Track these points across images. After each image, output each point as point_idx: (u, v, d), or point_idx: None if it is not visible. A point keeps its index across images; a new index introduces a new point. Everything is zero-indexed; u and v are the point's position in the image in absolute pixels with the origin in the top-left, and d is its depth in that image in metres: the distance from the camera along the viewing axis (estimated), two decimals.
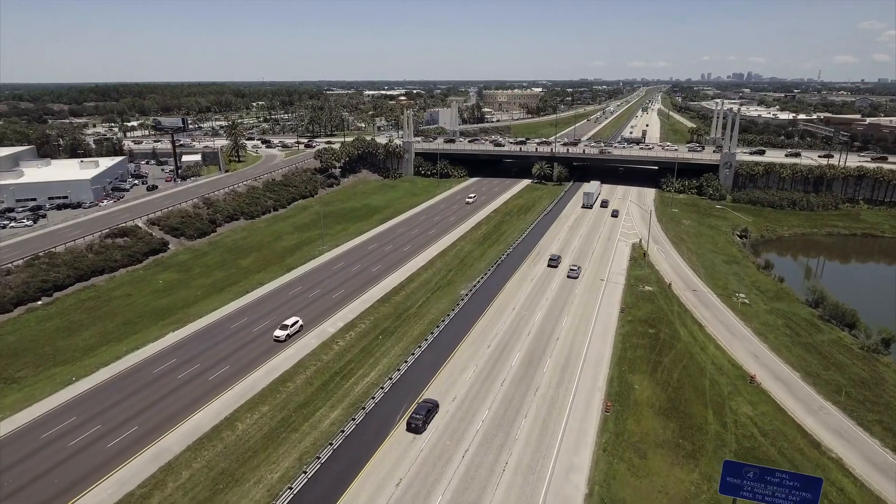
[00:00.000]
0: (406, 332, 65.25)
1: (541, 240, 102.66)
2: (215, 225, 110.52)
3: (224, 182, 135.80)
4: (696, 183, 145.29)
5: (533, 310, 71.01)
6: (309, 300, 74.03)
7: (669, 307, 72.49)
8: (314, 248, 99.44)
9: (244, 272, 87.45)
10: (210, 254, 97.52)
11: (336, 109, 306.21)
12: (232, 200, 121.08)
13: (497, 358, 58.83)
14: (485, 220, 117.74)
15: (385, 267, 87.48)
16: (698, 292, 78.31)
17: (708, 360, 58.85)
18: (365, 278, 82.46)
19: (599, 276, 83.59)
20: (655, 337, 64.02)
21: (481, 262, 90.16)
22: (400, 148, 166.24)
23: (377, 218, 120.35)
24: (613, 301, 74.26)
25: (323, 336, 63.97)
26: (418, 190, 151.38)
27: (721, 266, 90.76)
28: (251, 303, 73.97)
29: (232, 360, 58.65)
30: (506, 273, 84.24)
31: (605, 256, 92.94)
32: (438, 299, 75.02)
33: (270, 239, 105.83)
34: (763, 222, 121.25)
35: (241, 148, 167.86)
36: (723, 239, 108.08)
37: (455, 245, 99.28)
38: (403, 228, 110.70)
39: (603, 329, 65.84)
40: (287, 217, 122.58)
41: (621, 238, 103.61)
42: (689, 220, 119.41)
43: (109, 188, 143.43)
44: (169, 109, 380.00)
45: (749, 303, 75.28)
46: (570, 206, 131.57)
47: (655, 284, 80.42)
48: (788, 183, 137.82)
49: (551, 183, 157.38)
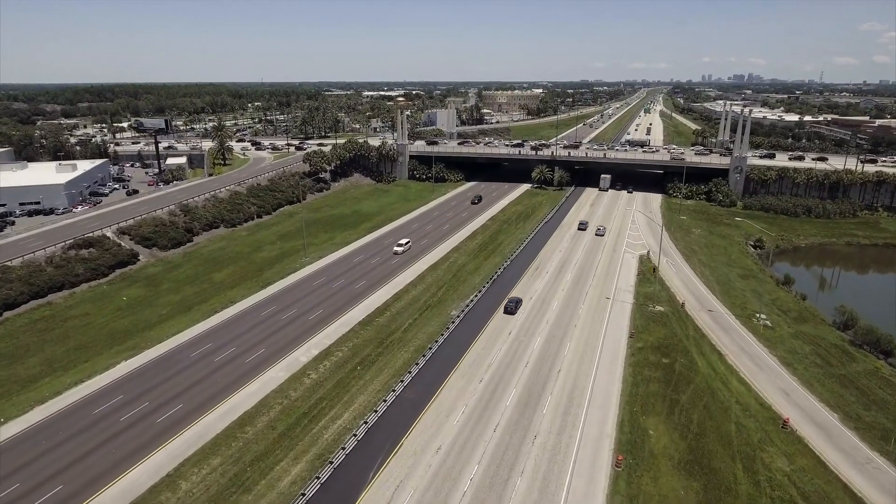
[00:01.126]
0: (388, 362, 57.79)
1: (541, 251, 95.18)
2: (192, 234, 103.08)
3: (207, 187, 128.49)
4: (704, 188, 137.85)
5: (532, 334, 63.54)
6: (281, 323, 66.56)
7: (684, 331, 65.02)
8: (296, 259, 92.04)
9: (217, 288, 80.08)
10: (183, 266, 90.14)
11: (331, 110, 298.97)
12: (212, 207, 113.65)
13: (490, 396, 51.35)
14: (481, 228, 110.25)
15: (370, 283, 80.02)
16: (714, 313, 70.84)
17: (732, 399, 51.38)
18: (347, 296, 75.01)
19: (605, 293, 76.13)
20: (670, 368, 56.57)
21: (476, 276, 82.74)
22: (394, 151, 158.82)
23: (366, 226, 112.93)
24: (621, 324, 66.79)
25: (293, 367, 56.51)
26: (412, 195, 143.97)
27: (737, 281, 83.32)
28: (218, 325, 66.51)
29: (186, 397, 51.22)
30: (503, 290, 76.77)
31: (610, 270, 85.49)
32: (427, 321, 67.57)
33: (250, 249, 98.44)
34: (777, 231, 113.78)
35: (227, 150, 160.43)
36: (736, 250, 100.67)
37: (448, 257, 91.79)
38: (393, 238, 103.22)
39: (610, 358, 58.38)
40: (271, 225, 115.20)
41: (627, 249, 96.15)
42: (699, 229, 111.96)
43: (87, 193, 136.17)
44: (163, 110, 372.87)
45: (771, 325, 67.84)
46: (572, 212, 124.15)
47: (667, 303, 72.98)
48: (803, 189, 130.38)
49: (552, 188, 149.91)
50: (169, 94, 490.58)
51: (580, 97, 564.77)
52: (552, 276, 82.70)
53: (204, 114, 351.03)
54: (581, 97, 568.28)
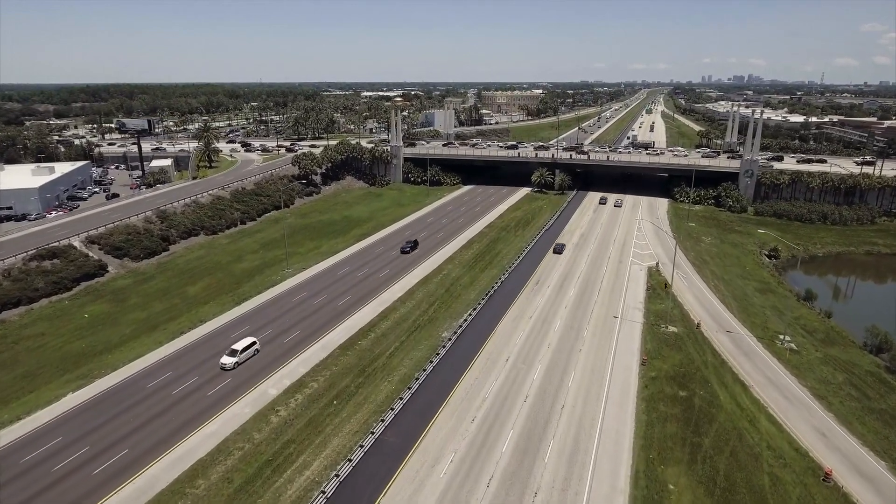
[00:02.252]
0: (369, 395, 51.06)
1: (541, 262, 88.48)
2: (168, 242, 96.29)
3: (189, 191, 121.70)
4: (713, 193, 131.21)
5: (532, 361, 56.83)
6: (253, 348, 59.79)
7: (701, 357, 58.31)
8: (277, 271, 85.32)
9: (188, 303, 73.38)
10: (155, 278, 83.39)
11: (326, 110, 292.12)
12: (192, 213, 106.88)
13: (484, 439, 44.61)
14: (477, 236, 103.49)
15: (355, 298, 73.27)
16: (734, 334, 64.13)
17: (762, 442, 44.65)
18: (329, 314, 68.25)
19: (612, 311, 69.39)
20: (689, 403, 49.86)
21: (470, 291, 75.99)
22: (387, 153, 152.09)
23: (356, 233, 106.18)
24: (631, 347, 60.08)
25: (261, 401, 49.76)
26: (406, 199, 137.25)
27: (754, 296, 76.64)
28: (182, 349, 59.76)
29: (133, 440, 44.47)
30: (499, 308, 70.08)
31: (616, 284, 78.77)
32: (415, 344, 60.83)
33: (230, 259, 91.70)
34: (792, 239, 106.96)
35: (213, 152, 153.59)
36: (750, 260, 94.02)
37: (441, 269, 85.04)
38: (383, 247, 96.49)
39: (621, 391, 51.67)
40: (255, 232, 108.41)
41: (635, 260, 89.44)
42: (710, 237, 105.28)
43: (64, 197, 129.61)
44: (155, 110, 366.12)
45: (797, 349, 61.15)
46: (574, 219, 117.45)
47: (680, 323, 66.27)
48: (817, 193, 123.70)
49: (553, 192, 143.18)
50: (165, 94, 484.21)
51: (580, 98, 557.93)
52: (554, 290, 76.00)
53: (196, 114, 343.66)
54: (581, 98, 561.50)
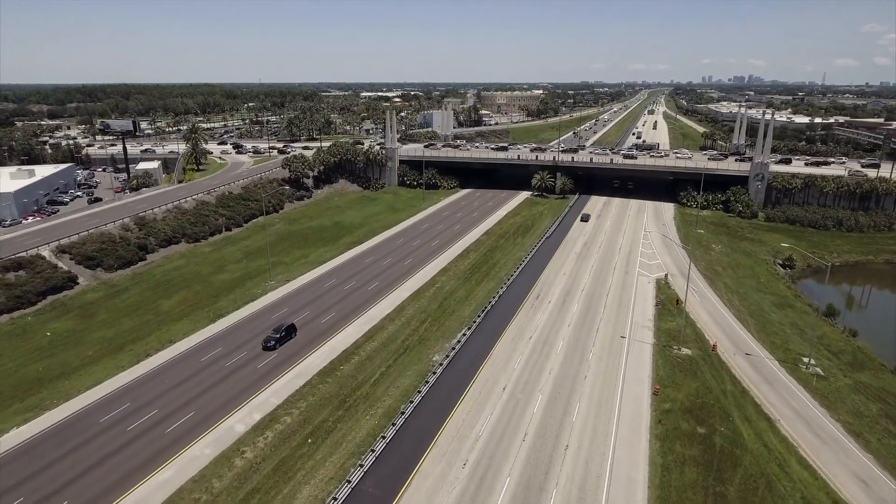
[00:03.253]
0: (348, 433, 45.39)
1: (542, 274, 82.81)
2: (145, 251, 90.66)
3: (173, 195, 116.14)
4: (721, 197, 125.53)
5: (531, 390, 51.15)
6: (223, 372, 54.16)
7: (720, 384, 52.65)
8: (260, 283, 79.73)
9: (160, 320, 67.80)
10: (129, 291, 77.81)
11: (323, 111, 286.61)
12: (173, 219, 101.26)
13: (476, 490, 38.91)
14: (474, 244, 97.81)
15: (340, 315, 67.62)
16: (753, 357, 58.47)
17: (796, 492, 38.98)
18: (309, 334, 62.59)
19: (619, 330, 63.71)
20: (708, 442, 44.20)
21: (465, 307, 70.32)
22: (382, 155, 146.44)
23: (346, 241, 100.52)
24: (641, 374, 54.41)
25: (225, 440, 44.10)
26: (401, 204, 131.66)
27: (772, 312, 70.97)
28: (145, 375, 54.13)
29: (74, 489, 38.84)
30: (496, 326, 64.42)
31: (623, 299, 73.10)
32: (403, 370, 55.19)
33: (211, 269, 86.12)
34: (806, 247, 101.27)
35: (200, 154, 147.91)
36: (764, 270, 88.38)
37: (434, 281, 79.37)
38: (374, 256, 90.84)
39: (631, 427, 46.00)
40: (240, 239, 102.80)
41: (642, 271, 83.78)
42: (720, 245, 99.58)
43: (44, 202, 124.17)
44: (148, 111, 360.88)
45: (824, 374, 55.52)
46: (576, 225, 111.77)
47: (694, 344, 60.60)
48: (831, 198, 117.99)
49: (553, 196, 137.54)
50: (162, 94, 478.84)
51: (581, 98, 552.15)
52: (556, 306, 70.33)
53: (191, 115, 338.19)
54: (582, 98, 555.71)
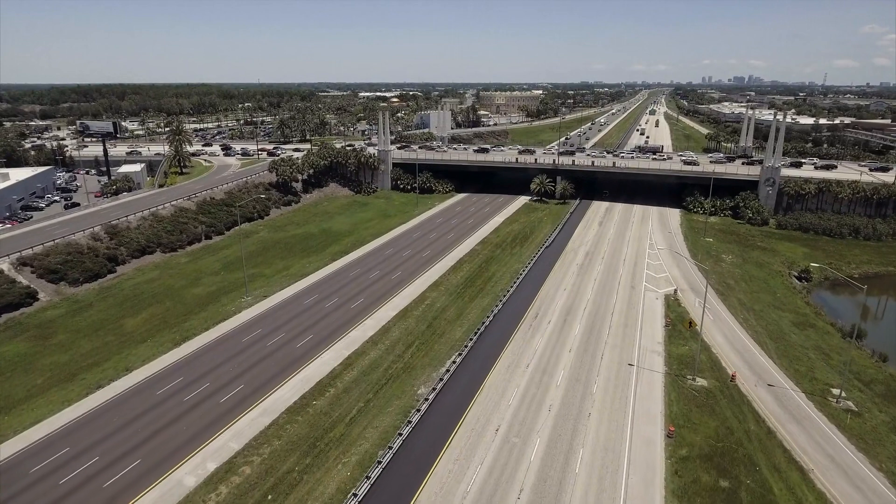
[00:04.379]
0: (315, 487, 39.19)
1: (541, 288, 76.64)
2: (116, 262, 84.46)
3: (152, 200, 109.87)
4: (729, 203, 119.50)
5: (528, 433, 44.98)
6: (181, 409, 47.99)
7: (742, 424, 46.51)
8: (236, 298, 73.59)
9: (121, 341, 61.66)
10: (94, 307, 71.64)
11: (318, 112, 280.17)
12: (148, 227, 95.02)
13: None
14: (469, 255, 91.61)
15: (318, 338, 61.42)
16: (777, 389, 52.34)
17: None
18: (283, 360, 56.43)
19: (626, 356, 57.56)
20: (734, 498, 38.03)
21: (457, 328, 64.15)
22: (374, 158, 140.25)
23: (333, 250, 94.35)
24: (652, 411, 48.26)
25: (172, 497, 37.87)
26: (393, 209, 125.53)
27: (792, 333, 64.85)
28: (93, 412, 47.92)
29: None
30: (490, 351, 58.28)
31: (630, 318, 66.96)
32: (384, 405, 49.01)
33: (185, 283, 79.98)
34: (822, 257, 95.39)
35: (183, 157, 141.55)
36: (779, 283, 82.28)
37: (424, 297, 73.17)
38: (360, 268, 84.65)
39: (644, 479, 39.83)
40: (221, 248, 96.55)
41: (649, 285, 77.64)
42: (731, 255, 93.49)
43: (18, 207, 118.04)
44: (141, 112, 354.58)
45: (857, 409, 49.42)
46: (578, 232, 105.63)
47: (710, 373, 54.47)
48: (846, 205, 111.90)
49: (554, 201, 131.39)
50: (157, 94, 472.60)
51: (581, 99, 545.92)
52: (556, 327, 64.16)
53: (183, 115, 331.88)
54: (582, 98, 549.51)
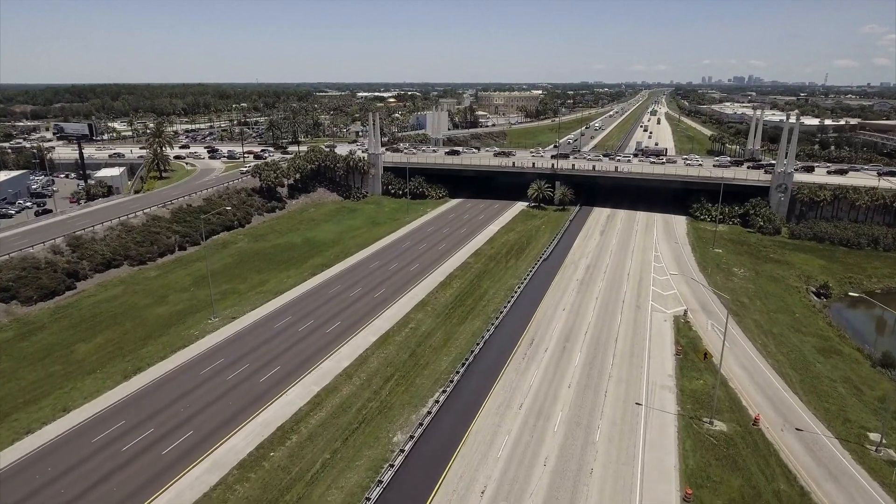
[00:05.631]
0: None
1: (538, 308, 69.85)
2: (76, 278, 77.79)
3: (125, 208, 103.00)
4: (739, 210, 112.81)
5: (520, 496, 38.18)
6: (116, 461, 41.15)
7: (770, 483, 39.75)
8: (202, 319, 66.85)
9: (68, 372, 55.00)
10: (45, 329, 64.98)
11: (312, 112, 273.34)
12: (116, 238, 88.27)
13: None
14: (460, 268, 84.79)
15: (286, 370, 54.62)
16: (807, 435, 45.60)
17: None
18: (242, 399, 49.63)
19: (633, 394, 50.78)
20: None
21: (443, 357, 57.37)
22: (364, 162, 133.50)
23: (314, 263, 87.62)
24: (665, 462, 41.51)
25: None
26: (383, 216, 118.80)
27: (817, 362, 58.14)
28: (17, 464, 41.09)
29: None
30: (479, 386, 51.53)
31: (636, 345, 60.19)
32: (353, 457, 42.22)
33: (150, 300, 73.27)
34: (840, 270, 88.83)
35: (162, 161, 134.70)
36: (797, 301, 75.61)
37: (409, 319, 66.36)
38: (342, 284, 77.88)
39: None
40: (194, 260, 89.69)
41: (656, 304, 70.88)
42: (743, 268, 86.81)
43: None
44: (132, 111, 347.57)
45: None
46: (578, 243, 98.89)
47: (730, 414, 47.72)
48: (863, 213, 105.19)
49: (552, 207, 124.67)
50: (153, 93, 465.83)
51: (581, 99, 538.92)
52: (553, 357, 57.41)
53: (175, 115, 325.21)
54: (582, 99, 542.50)
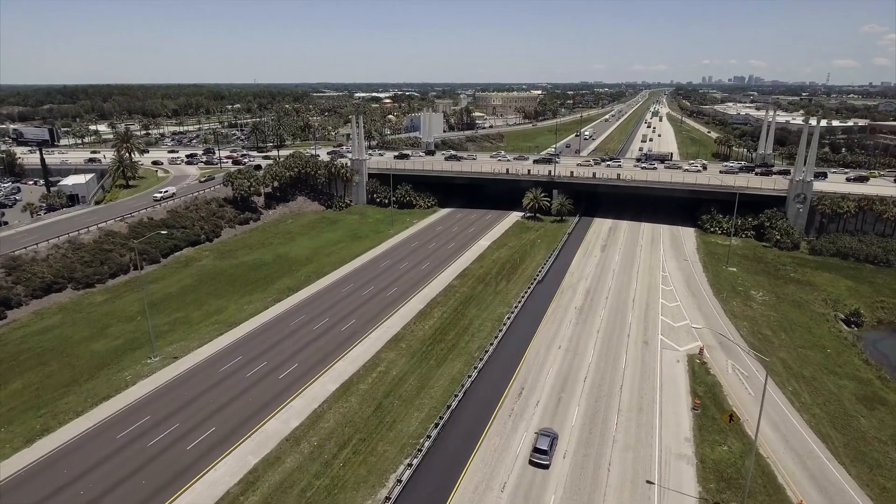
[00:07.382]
0: None
1: (530, 345, 60.47)
2: (7, 306, 68.59)
3: (78, 222, 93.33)
4: (752, 222, 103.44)
5: None
6: None
7: None
8: (140, 358, 57.60)
9: None
10: None
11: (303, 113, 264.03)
12: (60, 258, 78.96)
13: None
14: (443, 293, 75.36)
15: (222, 432, 45.19)
16: None
17: None
18: (160, 476, 40.23)
19: (642, 466, 41.37)
20: None
21: (413, 413, 47.98)
22: (346, 168, 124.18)
23: (282, 286, 78.23)
24: None
25: None
26: (366, 228, 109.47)
27: (860, 416, 48.80)
28: None
29: None
30: (455, 454, 42.17)
31: (645, 397, 50.80)
32: None
33: (88, 333, 64.00)
34: (869, 292, 79.42)
35: (128, 167, 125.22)
36: (826, 332, 66.21)
37: (378, 360, 56.95)
38: (307, 314, 68.46)
39: None
40: (151, 281, 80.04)
41: (666, 339, 61.50)
42: (761, 291, 77.46)
43: None
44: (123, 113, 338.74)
45: None
46: (577, 261, 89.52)
47: (764, 498, 38.35)
48: (891, 226, 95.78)
49: (549, 218, 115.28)
50: (146, 94, 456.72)
51: (581, 99, 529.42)
52: (546, 413, 48.00)
53: (162, 117, 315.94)
54: (582, 99, 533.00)
